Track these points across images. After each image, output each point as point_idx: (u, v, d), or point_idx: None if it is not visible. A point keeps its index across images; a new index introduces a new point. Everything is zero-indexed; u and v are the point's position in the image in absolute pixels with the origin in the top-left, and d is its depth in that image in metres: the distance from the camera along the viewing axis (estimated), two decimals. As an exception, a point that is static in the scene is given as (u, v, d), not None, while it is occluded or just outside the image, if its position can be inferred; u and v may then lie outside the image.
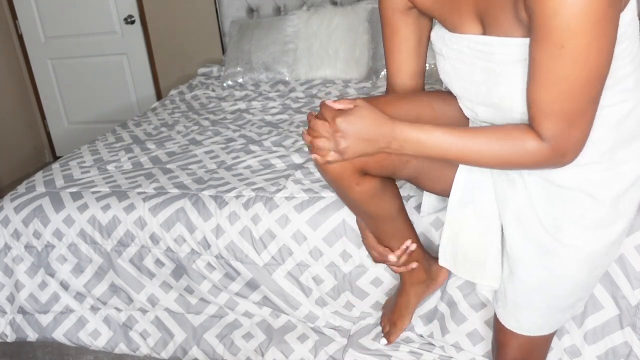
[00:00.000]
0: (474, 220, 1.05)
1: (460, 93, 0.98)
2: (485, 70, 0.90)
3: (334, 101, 0.93)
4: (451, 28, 0.94)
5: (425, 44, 1.08)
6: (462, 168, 1.04)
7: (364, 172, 1.03)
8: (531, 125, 0.84)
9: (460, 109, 1.04)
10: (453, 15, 0.93)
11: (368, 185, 1.04)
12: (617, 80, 0.84)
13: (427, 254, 1.27)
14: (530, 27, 0.78)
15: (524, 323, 1.04)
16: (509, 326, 1.06)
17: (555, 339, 1.29)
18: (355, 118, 0.90)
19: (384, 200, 1.09)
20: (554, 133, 0.81)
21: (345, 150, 0.91)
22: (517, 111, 0.89)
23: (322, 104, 0.94)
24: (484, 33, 0.89)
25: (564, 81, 0.77)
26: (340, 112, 0.91)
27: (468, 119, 1.05)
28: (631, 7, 0.82)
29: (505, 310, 1.06)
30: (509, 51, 0.85)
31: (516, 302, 1.03)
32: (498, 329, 1.10)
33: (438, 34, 0.98)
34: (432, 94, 1.11)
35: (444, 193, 1.11)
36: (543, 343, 1.07)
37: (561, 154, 0.83)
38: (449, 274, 1.33)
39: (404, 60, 1.07)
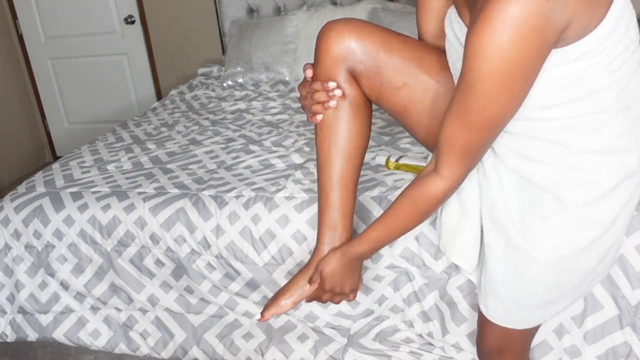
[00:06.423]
0: (455, 201, 1.07)
1: (453, 72, 1.01)
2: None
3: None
4: (458, 11, 0.97)
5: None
6: None
7: (353, 76, 1.06)
8: (435, 159, 0.91)
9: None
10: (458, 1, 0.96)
11: (347, 91, 1.06)
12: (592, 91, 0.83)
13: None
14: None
15: (490, 310, 1.05)
16: (480, 308, 1.09)
17: (555, 338, 1.29)
18: (326, 274, 1.09)
19: (351, 122, 1.08)
20: (452, 164, 0.88)
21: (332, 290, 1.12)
22: None
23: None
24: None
25: (470, 116, 0.83)
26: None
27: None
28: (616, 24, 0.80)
29: (479, 294, 1.09)
30: None
31: (485, 289, 1.05)
32: (479, 313, 1.12)
33: (448, 12, 1.01)
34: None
35: (426, 143, 1.10)
36: (518, 337, 1.08)
37: (450, 187, 0.91)
38: (451, 272, 1.33)
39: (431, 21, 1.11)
